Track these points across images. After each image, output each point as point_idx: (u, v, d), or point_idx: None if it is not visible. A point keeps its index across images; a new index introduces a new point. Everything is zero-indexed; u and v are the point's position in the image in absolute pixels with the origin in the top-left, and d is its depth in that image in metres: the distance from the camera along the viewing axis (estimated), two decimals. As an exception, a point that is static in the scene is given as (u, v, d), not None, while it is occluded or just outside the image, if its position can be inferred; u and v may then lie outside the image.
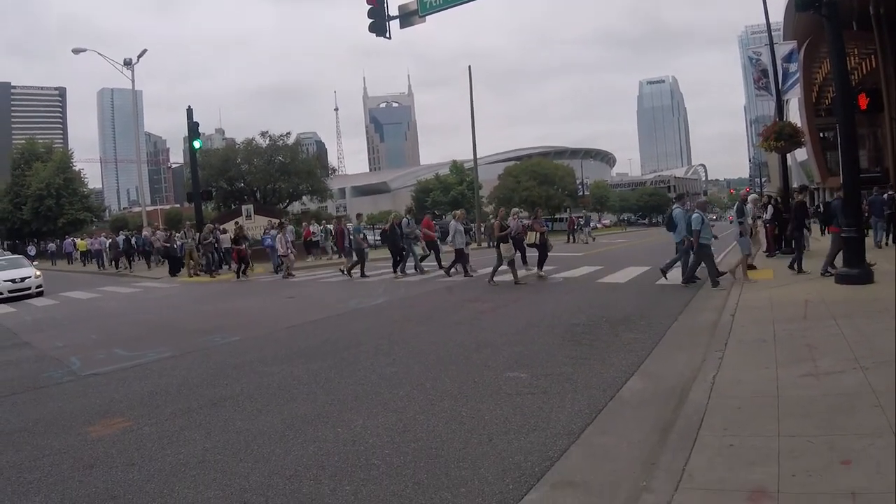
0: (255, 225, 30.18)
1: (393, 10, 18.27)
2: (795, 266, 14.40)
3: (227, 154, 50.75)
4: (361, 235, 21.20)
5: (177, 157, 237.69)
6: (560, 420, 5.46)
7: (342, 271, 21.46)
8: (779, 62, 22.95)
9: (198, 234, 26.26)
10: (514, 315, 11.60)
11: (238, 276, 23.32)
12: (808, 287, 12.41)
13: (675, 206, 15.62)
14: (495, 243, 16.82)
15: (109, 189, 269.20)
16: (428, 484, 4.24)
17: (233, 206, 44.17)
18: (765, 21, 23.17)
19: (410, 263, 20.95)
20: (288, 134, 51.68)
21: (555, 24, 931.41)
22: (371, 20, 17.83)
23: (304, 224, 33.44)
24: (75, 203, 55.21)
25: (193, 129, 28.11)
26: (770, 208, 20.95)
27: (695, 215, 13.78)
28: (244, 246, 24.00)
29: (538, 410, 5.73)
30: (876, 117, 51.63)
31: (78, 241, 43.54)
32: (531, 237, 17.44)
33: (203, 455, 4.99)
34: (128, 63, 41.68)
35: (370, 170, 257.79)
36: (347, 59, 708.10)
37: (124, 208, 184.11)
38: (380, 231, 22.48)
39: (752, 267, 14.99)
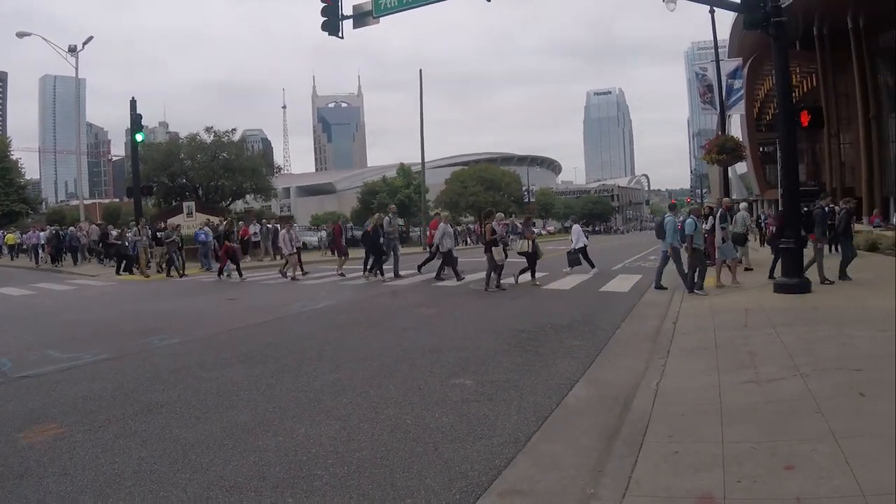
0: (196, 223, 29.60)
1: (347, 9, 18.10)
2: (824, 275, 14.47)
3: (170, 149, 49.57)
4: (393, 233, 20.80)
5: (118, 150, 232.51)
6: (506, 428, 5.42)
7: (366, 274, 19.80)
8: (724, 78, 23.48)
9: (150, 231, 25.01)
10: (459, 321, 11.57)
11: (220, 276, 21.75)
12: (748, 296, 12.70)
13: (667, 214, 15.88)
14: (485, 249, 16.43)
15: (47, 180, 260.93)
16: (373, 495, 4.13)
17: (174, 203, 43.25)
18: (712, 38, 23.65)
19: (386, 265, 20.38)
20: (233, 130, 50.78)
21: (511, 33, 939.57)
22: (324, 18, 17.64)
23: (240, 223, 32.30)
24: (11, 194, 53.06)
25: (136, 122, 27.44)
26: (710, 219, 21.33)
27: (688, 220, 14.09)
28: (236, 242, 22.82)
29: (484, 418, 5.68)
30: (815, 133, 53.22)
31: (7, 234, 41.88)
32: (522, 245, 17.10)
33: (139, 464, 4.78)
34: (72, 49, 40.44)
35: (316, 170, 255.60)
36: (298, 58, 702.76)
37: (61, 201, 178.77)
38: (361, 233, 21.90)
39: (748, 269, 15.68)
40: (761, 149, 68.31)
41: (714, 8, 21.12)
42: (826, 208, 18.07)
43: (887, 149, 49.72)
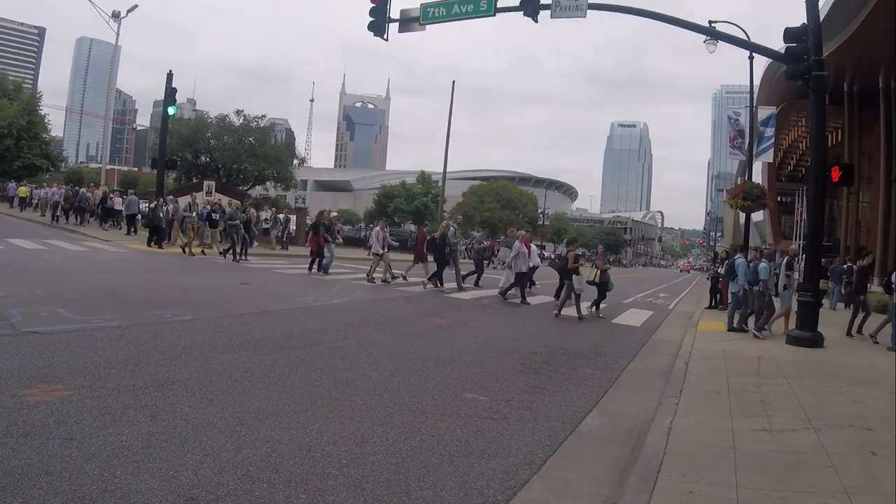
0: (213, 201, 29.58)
1: (395, 12, 18.13)
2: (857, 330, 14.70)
3: (198, 126, 49.88)
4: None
5: (143, 120, 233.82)
6: (521, 449, 5.37)
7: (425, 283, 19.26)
8: (756, 124, 23.48)
9: (207, 211, 24.33)
10: (471, 334, 11.51)
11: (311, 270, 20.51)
12: (760, 344, 12.65)
13: (738, 255, 15.95)
14: (563, 276, 16.09)
15: (70, 140, 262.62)
16: (387, 501, 4.08)
17: (194, 179, 43.44)
18: (743, 82, 23.67)
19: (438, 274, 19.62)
20: (262, 116, 51.18)
21: (541, 53, 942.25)
22: (372, 19, 17.68)
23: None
24: (34, 148, 53.27)
25: (170, 95, 27.60)
26: (726, 263, 21.31)
27: (762, 265, 14.04)
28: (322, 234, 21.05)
29: (499, 436, 5.63)
30: (834, 189, 53.07)
31: (20, 187, 42.03)
32: (591, 274, 16.41)
33: (148, 440, 4.70)
34: (115, 15, 40.80)
35: (335, 166, 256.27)
36: (332, 52, 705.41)
37: (81, 162, 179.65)
38: (428, 238, 21.07)
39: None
40: (779, 199, 68.16)
41: (753, 54, 21.15)
42: (845, 265, 18.05)
43: (905, 213, 49.47)
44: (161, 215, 25.23)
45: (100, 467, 4.15)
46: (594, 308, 16.64)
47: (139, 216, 30.66)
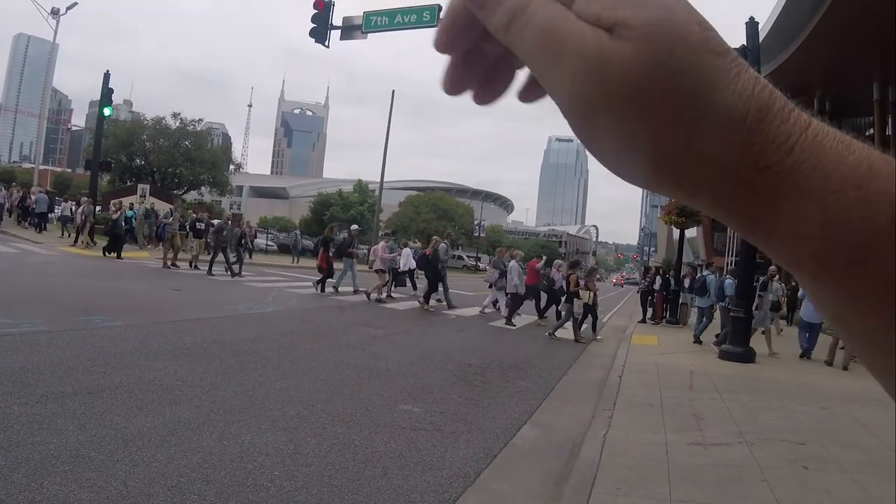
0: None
1: (337, 19, 18.07)
2: None
3: (134, 128, 48.85)
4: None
5: (78, 120, 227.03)
6: (455, 461, 5.35)
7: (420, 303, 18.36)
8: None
9: (191, 221, 23.09)
10: (406, 345, 11.51)
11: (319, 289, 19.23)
12: (691, 358, 12.88)
13: (706, 272, 16.21)
14: (565, 298, 15.79)
15: (2, 138, 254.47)
16: (321, 514, 4.03)
17: (128, 182, 42.50)
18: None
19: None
20: (200, 120, 50.43)
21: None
22: (314, 25, 17.58)
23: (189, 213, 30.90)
24: (-36, 148, 51.48)
25: (107, 95, 26.89)
26: (659, 279, 21.74)
27: (727, 281, 14.55)
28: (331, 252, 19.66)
29: (433, 448, 5.61)
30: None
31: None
32: (585, 296, 15.65)
33: (77, 449, 4.54)
34: (55, 12, 39.76)
35: (272, 173, 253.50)
36: (272, 58, 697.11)
37: (13, 162, 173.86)
38: (419, 255, 20.23)
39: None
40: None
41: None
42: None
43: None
44: (123, 224, 23.95)
45: (27, 477, 3.99)
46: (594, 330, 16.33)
47: (50, 215, 30.39)
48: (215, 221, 22.51)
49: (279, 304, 15.29)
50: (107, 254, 22.37)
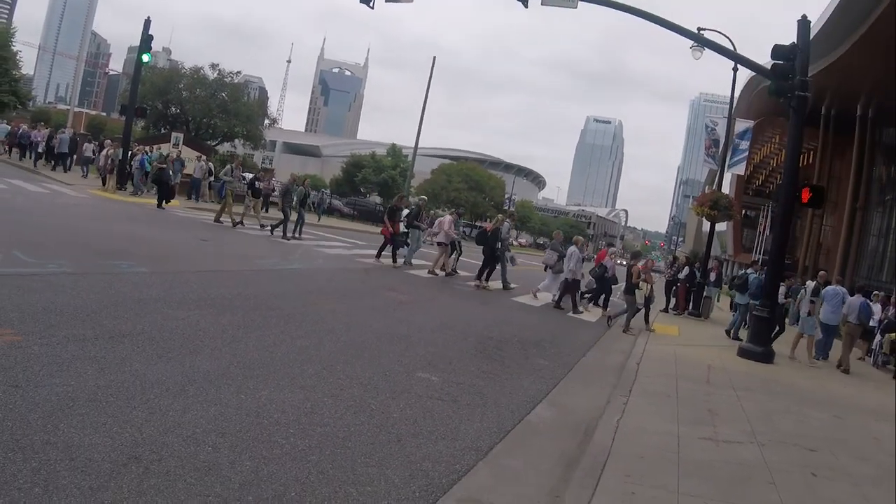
0: (184, 156, 29.04)
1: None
2: None
3: (172, 76, 49.02)
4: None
5: (116, 65, 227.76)
6: (469, 433, 5.37)
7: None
8: (732, 136, 23.71)
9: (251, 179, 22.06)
10: (429, 313, 11.53)
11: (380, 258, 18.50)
12: (711, 352, 12.80)
13: (750, 270, 16.51)
14: (625, 289, 15.21)
15: (40, 79, 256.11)
16: (332, 475, 4.02)
17: (162, 130, 42.72)
18: (722, 91, 23.87)
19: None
20: (238, 72, 50.46)
21: (521, 39, 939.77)
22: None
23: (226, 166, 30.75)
24: (3, 84, 51.78)
25: (146, 41, 26.81)
26: (686, 268, 21.56)
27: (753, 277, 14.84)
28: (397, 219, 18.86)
29: (447, 419, 5.62)
30: (800, 210, 54.03)
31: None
32: (645, 288, 15.27)
33: (94, 393, 4.57)
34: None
35: (306, 130, 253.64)
36: (313, 15, 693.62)
37: (49, 102, 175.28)
38: (478, 230, 19.56)
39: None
40: (744, 212, 69.20)
41: (738, 66, 21.30)
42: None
43: (867, 240, 50.54)
44: (171, 172, 23.55)
45: (43, 418, 4.02)
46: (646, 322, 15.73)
47: (75, 156, 30.76)
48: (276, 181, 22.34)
49: (305, 262, 15.37)
50: (163, 204, 21.96)
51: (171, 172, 23.56)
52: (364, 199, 63.79)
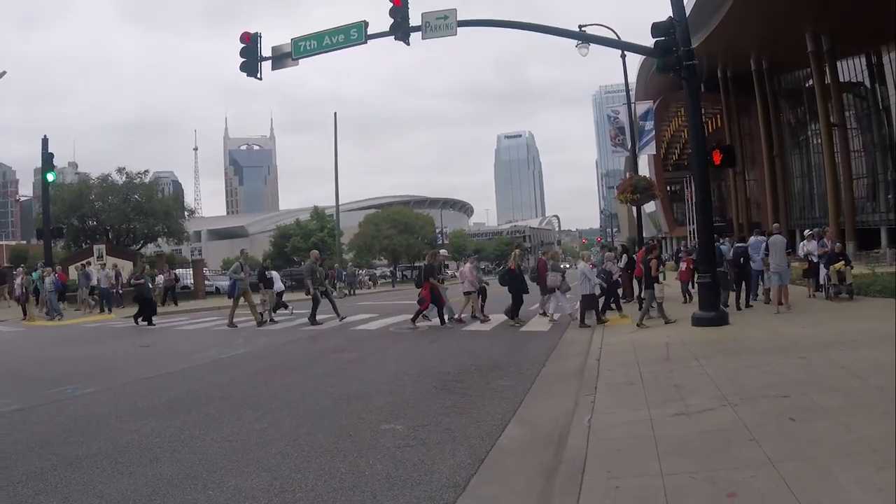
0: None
1: (266, 50, 17.99)
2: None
3: (81, 189, 48.03)
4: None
5: (26, 190, 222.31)
6: (443, 472, 5.32)
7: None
8: (636, 120, 24.29)
9: (259, 271, 21.19)
10: (381, 365, 11.43)
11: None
12: (666, 330, 12.96)
13: (720, 242, 17.00)
14: (645, 284, 15.26)
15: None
16: (312, 549, 3.97)
17: (83, 245, 41.86)
18: (620, 81, 24.53)
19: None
20: (146, 172, 49.75)
21: (422, 76, 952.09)
22: (243, 59, 17.48)
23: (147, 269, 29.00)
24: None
25: (48, 161, 26.45)
26: (625, 256, 21.86)
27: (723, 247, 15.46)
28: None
29: (419, 463, 5.57)
30: (721, 172, 55.58)
31: None
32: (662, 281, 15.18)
33: (60, 524, 4.46)
34: (-18, 85, 39.09)
35: (228, 213, 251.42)
36: (210, 97, 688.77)
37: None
38: (500, 271, 19.21)
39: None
40: (669, 188, 70.89)
41: (625, 53, 21.93)
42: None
43: (791, 184, 52.30)
44: (150, 286, 22.72)
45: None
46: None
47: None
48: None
49: (249, 344, 15.13)
50: (138, 322, 20.84)
51: (149, 286, 22.50)
52: (300, 266, 63.22)
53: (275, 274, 20.98)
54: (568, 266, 32.23)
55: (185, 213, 55.34)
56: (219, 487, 5.13)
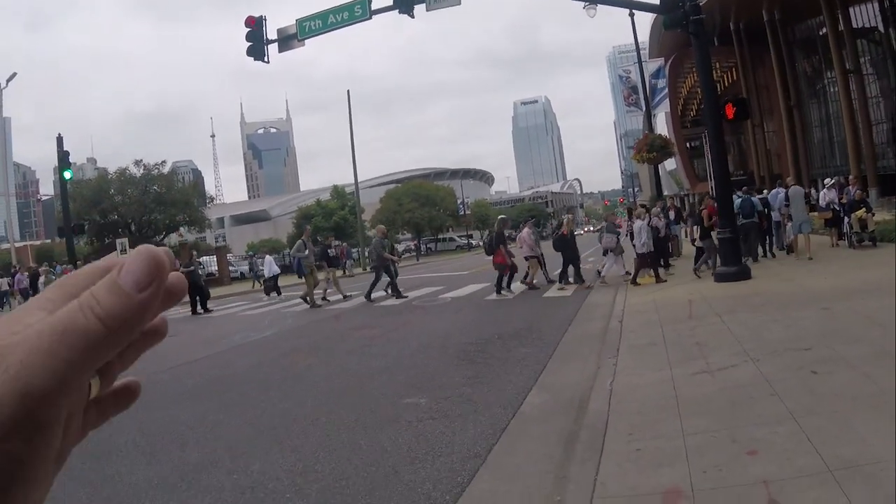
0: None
1: (272, 33, 17.87)
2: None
3: (100, 185, 48.46)
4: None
5: (47, 189, 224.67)
6: (465, 443, 5.33)
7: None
8: (647, 79, 23.99)
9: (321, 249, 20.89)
10: (404, 339, 11.44)
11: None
12: (689, 288, 12.89)
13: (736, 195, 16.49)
14: (701, 235, 15.13)
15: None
16: (335, 526, 4.00)
17: (106, 240, 42.32)
18: (633, 41, 24.15)
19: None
20: (163, 162, 50.07)
21: (435, 47, 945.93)
22: (249, 43, 17.41)
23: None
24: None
25: (64, 159, 26.56)
26: (648, 217, 21.68)
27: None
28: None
29: (441, 435, 5.59)
30: (740, 125, 54.94)
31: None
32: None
33: (91, 514, 4.52)
34: (-5, 87, 39.40)
35: (249, 198, 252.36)
36: (224, 84, 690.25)
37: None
38: (555, 236, 18.90)
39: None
40: (688, 144, 70.13)
41: (633, 11, 21.60)
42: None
43: (810, 133, 51.52)
44: (200, 273, 22.12)
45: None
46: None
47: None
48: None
49: (275, 326, 15.24)
50: (195, 311, 20.53)
51: (199, 272, 22.01)
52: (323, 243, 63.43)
53: (269, 259, 20.77)
54: (592, 229, 32.06)
55: (206, 201, 55.65)
56: (243, 471, 5.17)
